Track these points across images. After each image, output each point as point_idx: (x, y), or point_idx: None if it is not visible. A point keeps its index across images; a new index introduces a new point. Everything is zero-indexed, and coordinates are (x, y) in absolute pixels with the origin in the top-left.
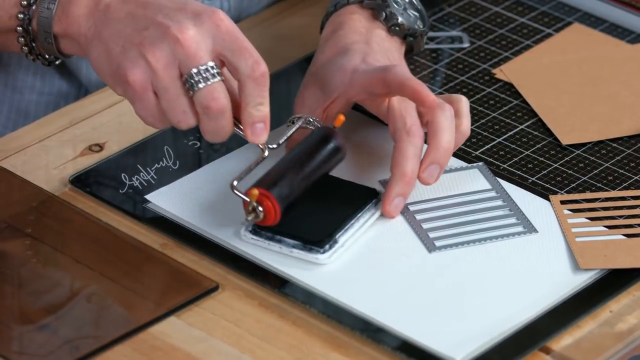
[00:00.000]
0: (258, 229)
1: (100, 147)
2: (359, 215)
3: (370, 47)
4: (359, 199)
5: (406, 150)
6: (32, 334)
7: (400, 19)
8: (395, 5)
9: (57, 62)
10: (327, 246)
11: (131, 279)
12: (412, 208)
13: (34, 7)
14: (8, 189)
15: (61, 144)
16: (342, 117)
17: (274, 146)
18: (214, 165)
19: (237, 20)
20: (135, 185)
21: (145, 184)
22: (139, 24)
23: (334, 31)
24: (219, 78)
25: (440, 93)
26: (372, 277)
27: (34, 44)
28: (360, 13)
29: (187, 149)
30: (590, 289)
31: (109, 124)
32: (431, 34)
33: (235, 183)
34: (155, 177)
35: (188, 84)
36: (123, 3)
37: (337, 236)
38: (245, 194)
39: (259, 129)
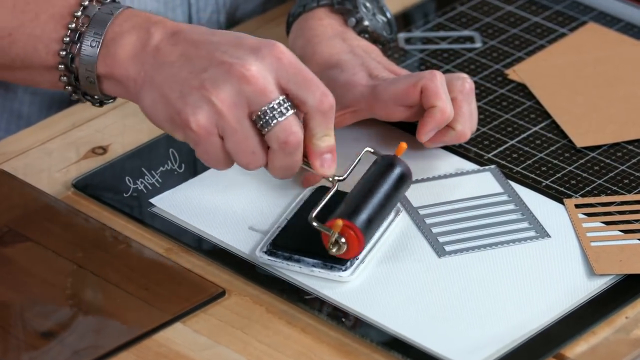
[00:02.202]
0: (274, 250)
1: (104, 149)
2: (379, 230)
3: (358, 54)
4: None
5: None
6: (35, 341)
7: (368, 24)
8: (364, 10)
9: (110, 102)
10: (348, 263)
11: (136, 285)
12: (421, 212)
13: (77, 45)
14: (9, 193)
15: (64, 147)
16: (404, 146)
17: (342, 177)
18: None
19: (233, 15)
20: (139, 188)
21: (150, 188)
22: (196, 66)
23: (308, 40)
24: (292, 111)
25: None
26: (380, 283)
27: (78, 83)
28: (330, 18)
29: (193, 152)
30: (606, 295)
31: (113, 126)
32: (442, 33)
33: (314, 215)
34: (160, 181)
35: (261, 122)
36: (173, 44)
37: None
38: (327, 225)
39: (327, 160)
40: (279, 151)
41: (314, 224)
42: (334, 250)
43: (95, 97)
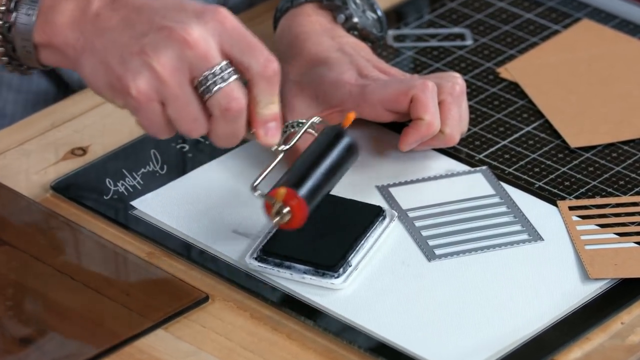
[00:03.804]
0: (264, 256)
1: (84, 150)
2: (368, 234)
3: (347, 52)
4: (366, 217)
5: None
6: (13, 348)
7: (357, 21)
8: (354, 6)
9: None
10: (340, 270)
11: (116, 290)
12: (410, 215)
13: (14, 14)
14: None
15: (42, 148)
16: (351, 116)
17: (287, 147)
18: (203, 170)
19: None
20: (120, 191)
21: (131, 190)
22: (136, 30)
23: (296, 36)
24: (235, 76)
25: None
26: (368, 288)
27: (15, 53)
28: (319, 15)
29: (175, 153)
30: (601, 300)
31: (93, 126)
32: (432, 31)
33: (256, 184)
34: (142, 183)
35: (202, 88)
36: (113, 10)
37: (349, 258)
38: (269, 194)
39: (272, 129)
40: (221, 118)
41: (256, 192)
42: (276, 219)
43: (31, 68)
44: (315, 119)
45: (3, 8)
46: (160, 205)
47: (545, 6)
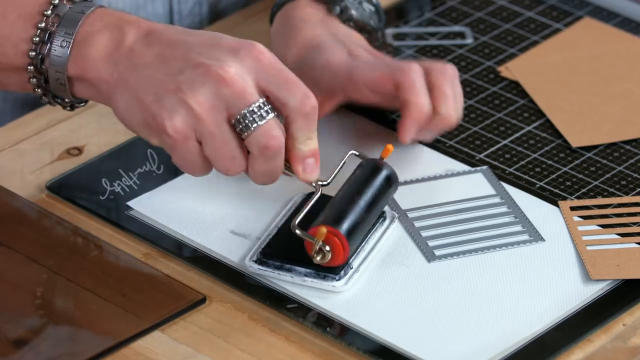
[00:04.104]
0: (264, 259)
1: (79, 150)
2: (368, 236)
3: (340, 39)
4: None
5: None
6: (6, 349)
7: (354, 13)
8: None
9: (81, 105)
10: (342, 272)
11: (112, 291)
12: (410, 215)
13: (47, 45)
14: None
15: (37, 148)
16: (390, 147)
17: (326, 182)
18: None
19: (215, 6)
20: (116, 191)
21: (128, 190)
22: (172, 67)
23: (292, 26)
24: (272, 114)
25: None
26: (366, 289)
27: (48, 85)
28: (314, 7)
29: None
30: (602, 301)
31: (89, 125)
32: (432, 29)
33: (297, 222)
34: (138, 183)
35: (240, 126)
36: (148, 45)
37: (350, 261)
38: (310, 233)
39: (310, 165)
40: (260, 156)
41: (297, 231)
42: (318, 258)
43: (66, 100)
44: (354, 152)
45: (37, 39)
46: (157, 206)
47: (547, 4)
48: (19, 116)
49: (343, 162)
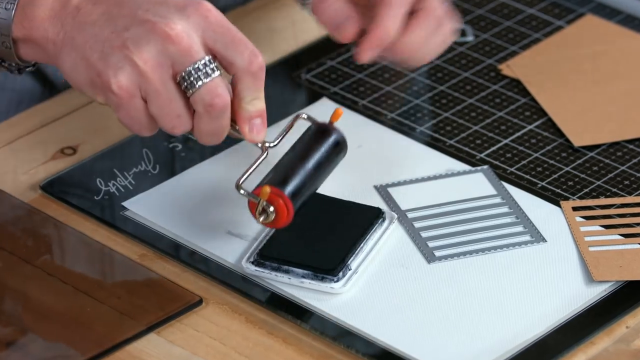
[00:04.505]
0: (261, 260)
1: (74, 150)
2: (367, 237)
3: None
4: (364, 219)
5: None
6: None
7: None
8: None
9: (27, 69)
10: (340, 274)
11: (107, 293)
12: (410, 215)
13: None
14: None
15: (31, 147)
16: (339, 112)
17: (273, 144)
18: (196, 170)
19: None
20: (111, 191)
21: (123, 190)
22: (118, 25)
23: None
24: (218, 72)
25: (442, 91)
26: (365, 291)
27: None
28: None
29: (167, 152)
30: (605, 303)
31: (83, 124)
32: None
33: (241, 182)
34: (134, 183)
35: (185, 83)
36: (95, 3)
37: (349, 262)
38: (254, 193)
39: (257, 125)
40: (205, 114)
41: (241, 191)
42: (261, 218)
43: (13, 63)
44: (303, 114)
45: None
46: (152, 206)
47: (548, 1)
48: (12, 115)
49: (291, 124)
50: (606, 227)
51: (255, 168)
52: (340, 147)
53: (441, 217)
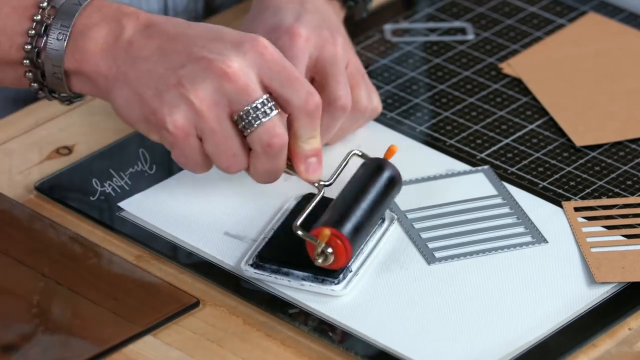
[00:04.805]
0: (260, 262)
1: (69, 149)
2: (367, 239)
3: (304, 7)
4: None
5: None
6: None
7: None
8: None
9: (79, 100)
10: (340, 276)
11: (103, 295)
12: (409, 216)
13: (43, 38)
14: None
15: (26, 147)
16: (394, 148)
17: (329, 182)
18: None
19: (211, 3)
20: (107, 191)
21: (119, 191)
22: (173, 61)
23: None
24: (276, 111)
25: (442, 90)
26: (364, 293)
27: (44, 79)
28: None
29: (165, 152)
30: (607, 304)
31: (79, 124)
32: (432, 25)
33: (299, 223)
34: (130, 183)
35: (243, 123)
36: (148, 38)
37: (349, 264)
38: (313, 234)
39: (313, 164)
40: (262, 154)
41: (299, 232)
42: (320, 260)
43: (63, 95)
44: (357, 151)
45: (32, 32)
46: (149, 207)
47: None
48: (7, 114)
49: (345, 161)
50: (608, 227)
51: (313, 208)
52: (394, 182)
53: (441, 217)
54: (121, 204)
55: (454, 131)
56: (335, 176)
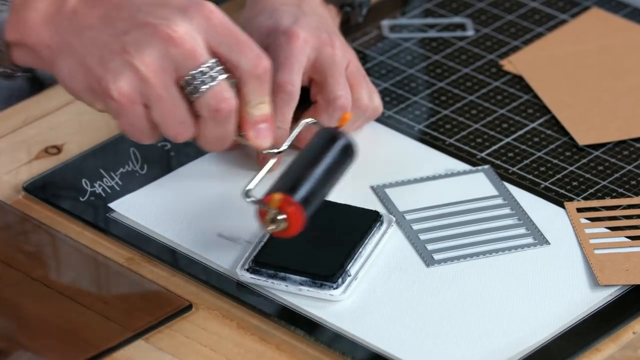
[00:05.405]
0: (257, 267)
1: (58, 149)
2: (365, 241)
3: (302, 10)
4: (362, 223)
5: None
6: None
7: None
8: None
9: (22, 74)
10: (339, 280)
11: (93, 298)
12: (408, 217)
13: None
14: None
15: (14, 146)
16: (347, 116)
17: (280, 149)
18: (186, 170)
19: None
20: (97, 192)
21: (109, 191)
22: (117, 28)
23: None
24: (224, 75)
25: (442, 88)
26: (362, 295)
27: None
28: None
29: (156, 152)
30: (611, 308)
31: (68, 123)
32: (431, 20)
33: (249, 189)
34: (120, 183)
35: (189, 87)
36: (92, 6)
37: (348, 268)
38: (263, 201)
39: (263, 130)
40: (210, 120)
41: (248, 199)
42: (271, 227)
43: (6, 69)
44: (309, 120)
45: None
46: (141, 208)
47: None
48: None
49: (298, 129)
50: (612, 229)
51: (264, 175)
52: (349, 151)
53: (440, 218)
54: (112, 205)
55: (454, 130)
56: (287, 143)
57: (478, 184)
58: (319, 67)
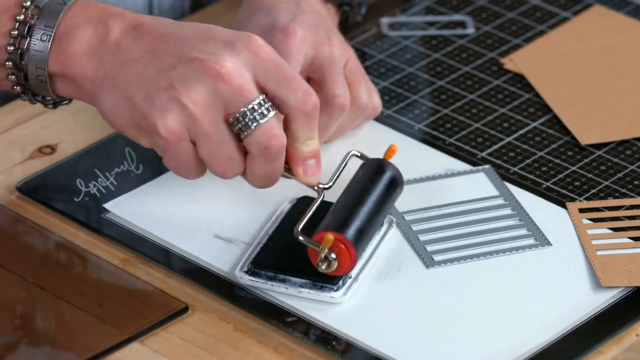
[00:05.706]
0: (256, 269)
1: (52, 149)
2: (370, 242)
3: (299, 7)
4: None
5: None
6: None
7: None
8: None
9: (65, 103)
10: (340, 282)
11: (88, 300)
12: (408, 218)
13: (27, 40)
14: None
15: (7, 146)
16: (394, 148)
17: (328, 185)
18: None
19: (197, 0)
20: (92, 192)
21: (104, 191)
22: (163, 63)
23: None
24: (274, 112)
25: (442, 86)
26: (360, 298)
27: (27, 82)
28: None
29: (152, 152)
30: (614, 310)
31: (63, 122)
32: (431, 18)
33: (300, 229)
34: (115, 183)
35: (239, 125)
36: (136, 39)
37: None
38: (315, 240)
39: (311, 167)
40: (260, 157)
41: (301, 238)
42: (323, 267)
43: (47, 98)
44: (355, 152)
45: (15, 33)
46: (136, 208)
47: None
48: None
49: (344, 163)
50: (614, 229)
51: (313, 211)
52: (396, 183)
53: (440, 219)
54: (107, 205)
55: (454, 129)
56: (334, 178)
57: (479, 184)
58: (317, 65)
